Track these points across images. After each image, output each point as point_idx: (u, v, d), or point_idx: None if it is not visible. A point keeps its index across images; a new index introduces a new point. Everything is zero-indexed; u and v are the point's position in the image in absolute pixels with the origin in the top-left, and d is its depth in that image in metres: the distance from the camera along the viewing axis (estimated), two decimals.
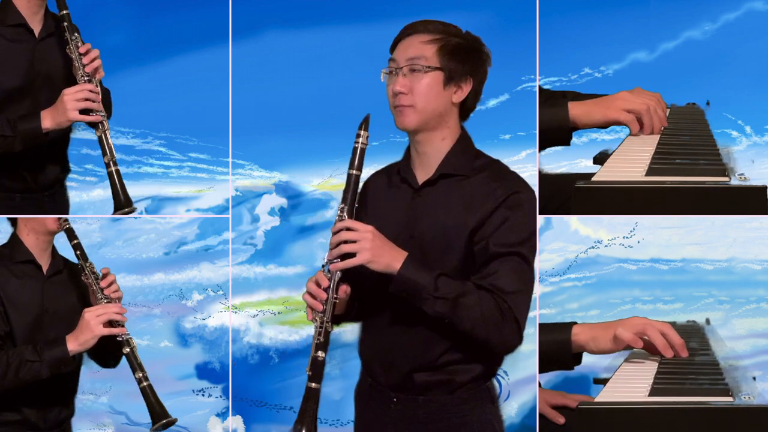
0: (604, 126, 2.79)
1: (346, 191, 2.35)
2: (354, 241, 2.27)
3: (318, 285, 2.33)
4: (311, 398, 2.32)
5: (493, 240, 2.31)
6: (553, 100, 2.82)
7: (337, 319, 2.46)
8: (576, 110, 2.74)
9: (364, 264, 2.27)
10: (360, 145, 2.35)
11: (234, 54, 3.81)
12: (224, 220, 3.92)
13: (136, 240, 3.93)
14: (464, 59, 2.39)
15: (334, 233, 2.31)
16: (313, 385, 2.32)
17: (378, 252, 2.27)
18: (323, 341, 2.33)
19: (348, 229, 2.28)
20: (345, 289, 2.35)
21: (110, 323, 2.81)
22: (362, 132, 2.35)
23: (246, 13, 3.83)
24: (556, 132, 2.76)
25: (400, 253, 2.28)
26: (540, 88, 3.08)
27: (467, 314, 2.26)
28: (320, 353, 2.33)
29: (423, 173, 2.43)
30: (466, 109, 2.44)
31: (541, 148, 2.91)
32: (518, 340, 2.32)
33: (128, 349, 2.85)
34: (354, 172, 2.35)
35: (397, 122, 2.39)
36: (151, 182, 3.91)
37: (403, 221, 2.39)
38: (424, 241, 2.35)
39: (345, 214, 2.32)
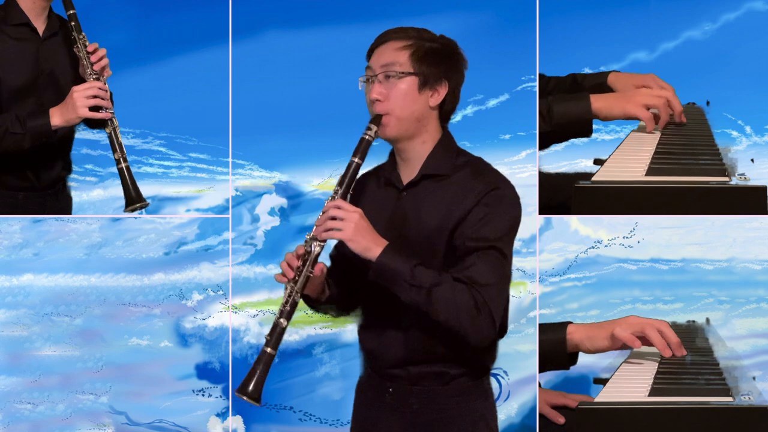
0: (621, 119, 2.81)
1: (344, 176, 2.38)
2: (341, 219, 2.31)
3: (297, 255, 2.38)
4: (264, 362, 2.36)
5: (471, 234, 2.33)
6: (572, 94, 2.83)
7: (312, 304, 2.52)
8: (597, 104, 2.76)
9: (344, 241, 2.32)
10: (367, 137, 2.38)
11: (234, 54, 3.81)
12: (224, 220, 3.92)
13: (136, 240, 3.93)
14: (438, 63, 2.40)
15: (324, 211, 2.35)
16: (269, 350, 2.36)
17: (360, 233, 2.30)
18: (288, 310, 2.37)
19: (337, 208, 2.32)
20: (321, 267, 2.40)
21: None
22: (373, 126, 2.39)
23: (246, 13, 3.83)
24: (579, 125, 2.77)
25: (381, 240, 2.32)
26: (541, 75, 3.08)
27: (441, 304, 2.28)
28: (282, 321, 2.37)
29: (407, 175, 2.46)
30: (445, 112, 2.46)
31: (560, 141, 2.90)
32: (492, 332, 2.33)
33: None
34: (356, 160, 2.38)
35: (378, 132, 2.41)
36: (151, 182, 3.91)
37: (389, 222, 2.42)
38: (409, 240, 2.38)
39: (338, 196, 2.36)
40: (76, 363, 3.86)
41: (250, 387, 2.35)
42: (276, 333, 2.36)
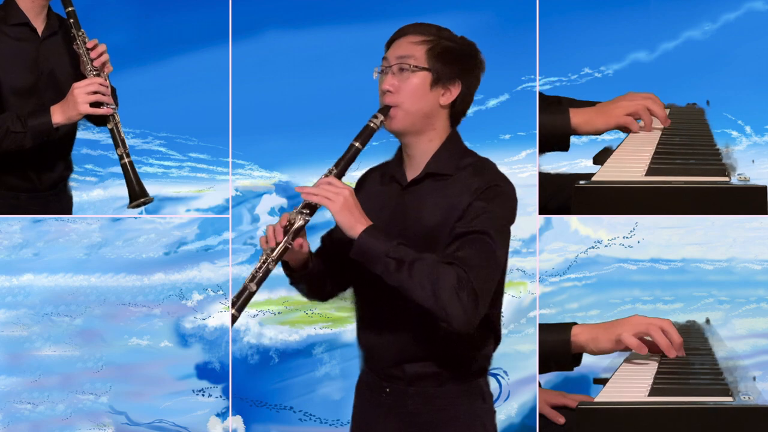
0: (604, 131, 2.81)
1: (341, 158, 2.39)
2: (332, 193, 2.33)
3: (282, 226, 2.39)
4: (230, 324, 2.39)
5: (465, 224, 2.32)
6: (553, 107, 2.84)
7: (291, 273, 2.51)
8: (577, 118, 2.76)
9: (331, 212, 2.32)
10: (372, 124, 2.39)
11: (234, 54, 3.81)
12: (224, 220, 3.92)
13: (136, 240, 3.94)
14: (453, 62, 2.40)
15: (316, 185, 2.36)
16: (233, 311, 2.36)
17: (347, 209, 2.31)
18: (260, 276, 2.37)
19: (329, 183, 2.34)
20: (300, 242, 2.41)
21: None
22: (379, 115, 2.39)
23: (246, 13, 3.83)
24: (557, 139, 2.78)
25: (367, 221, 2.32)
26: (540, 94, 3.09)
27: (423, 279, 2.24)
28: (252, 285, 2.36)
29: (412, 172, 2.46)
30: (456, 113, 2.45)
31: (540, 152, 2.92)
32: (475, 315, 2.26)
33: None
34: (357, 144, 2.39)
35: (385, 124, 2.41)
36: (151, 182, 3.91)
37: (391, 218, 2.42)
38: (410, 237, 2.37)
39: (332, 174, 2.38)
40: (76, 363, 3.86)
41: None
42: (243, 297, 2.36)
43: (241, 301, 2.35)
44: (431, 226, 2.38)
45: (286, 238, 2.37)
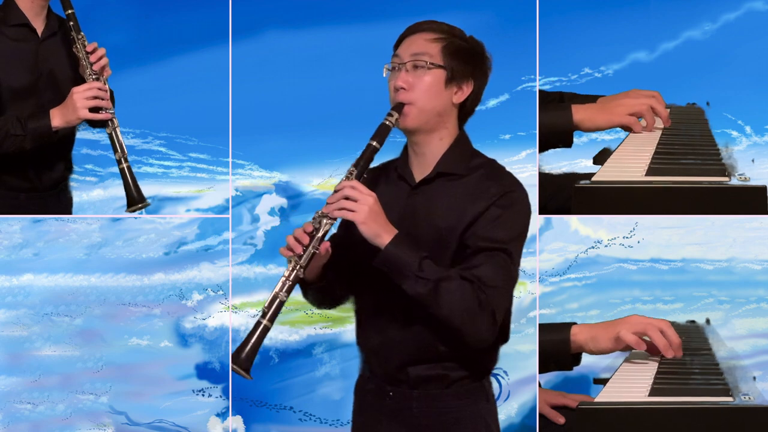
0: (606, 129, 2.81)
1: (360, 158, 2.35)
2: (355, 201, 2.29)
3: (305, 232, 2.34)
4: (259, 333, 2.30)
5: (483, 234, 2.32)
6: (555, 104, 2.84)
7: (304, 286, 2.47)
8: (580, 115, 2.76)
9: (356, 223, 2.29)
10: (387, 122, 2.36)
11: (234, 54, 3.81)
12: (224, 220, 3.92)
13: (136, 240, 3.94)
14: (467, 60, 2.40)
15: (337, 190, 2.32)
16: (265, 321, 2.31)
17: (372, 218, 2.28)
18: (290, 284, 2.32)
19: (353, 188, 2.30)
20: (326, 247, 2.36)
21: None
22: (394, 113, 2.36)
23: (246, 13, 3.83)
24: (559, 135, 2.78)
25: (392, 228, 2.30)
26: (540, 90, 3.09)
27: (446, 299, 2.26)
28: (283, 294, 2.32)
29: (420, 172, 2.44)
30: (465, 112, 2.45)
31: (543, 149, 2.92)
32: (491, 334, 2.31)
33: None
34: (374, 143, 2.35)
35: (398, 121, 2.39)
36: (151, 182, 3.91)
37: (399, 218, 2.39)
38: (419, 238, 2.36)
39: (353, 177, 2.34)
40: (76, 363, 3.86)
41: (241, 356, 2.28)
42: (274, 306, 2.31)
43: (272, 311, 2.31)
44: (441, 227, 2.36)
45: (313, 243, 2.33)
